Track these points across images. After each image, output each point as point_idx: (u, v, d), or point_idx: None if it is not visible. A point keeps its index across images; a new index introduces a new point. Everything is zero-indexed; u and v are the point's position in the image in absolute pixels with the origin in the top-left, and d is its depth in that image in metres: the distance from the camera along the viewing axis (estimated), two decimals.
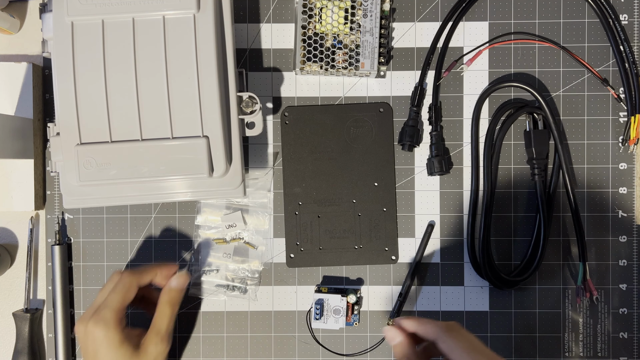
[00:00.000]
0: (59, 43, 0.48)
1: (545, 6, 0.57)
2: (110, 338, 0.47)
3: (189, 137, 0.48)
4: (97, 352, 0.47)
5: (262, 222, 0.57)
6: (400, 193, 0.57)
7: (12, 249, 0.58)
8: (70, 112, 0.48)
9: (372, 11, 0.54)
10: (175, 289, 0.51)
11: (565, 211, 0.57)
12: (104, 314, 0.47)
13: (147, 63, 0.48)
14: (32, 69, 0.56)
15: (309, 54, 0.54)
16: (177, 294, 0.51)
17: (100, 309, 0.48)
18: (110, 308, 0.48)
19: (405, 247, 0.57)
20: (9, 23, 0.56)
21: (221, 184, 0.50)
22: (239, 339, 0.57)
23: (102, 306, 0.48)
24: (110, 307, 0.48)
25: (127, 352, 0.47)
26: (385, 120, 0.57)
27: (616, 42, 0.56)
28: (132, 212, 0.57)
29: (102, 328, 0.47)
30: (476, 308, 0.57)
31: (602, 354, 0.57)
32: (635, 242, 0.57)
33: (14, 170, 0.56)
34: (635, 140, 0.56)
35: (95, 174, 0.47)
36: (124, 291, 0.49)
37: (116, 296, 0.48)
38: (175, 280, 0.51)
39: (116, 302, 0.48)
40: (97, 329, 0.47)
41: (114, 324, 0.47)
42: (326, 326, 0.56)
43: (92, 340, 0.47)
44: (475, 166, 0.57)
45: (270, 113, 0.58)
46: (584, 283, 0.56)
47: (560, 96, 0.57)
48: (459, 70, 0.58)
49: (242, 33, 0.57)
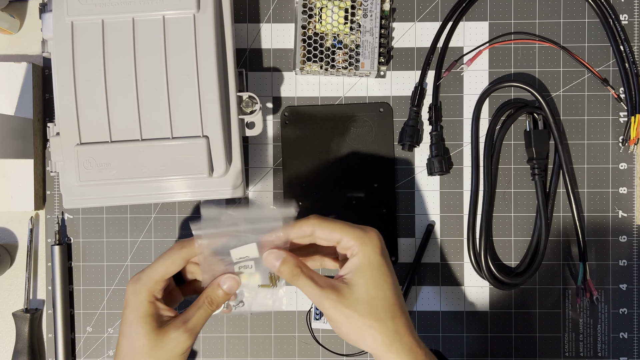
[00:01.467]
0: (59, 43, 0.48)
1: (545, 6, 0.57)
2: (138, 305, 0.42)
3: (189, 137, 0.48)
4: (124, 309, 0.43)
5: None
6: (400, 193, 0.57)
7: (12, 249, 0.58)
8: (70, 112, 0.48)
9: (372, 11, 0.54)
10: (225, 291, 0.45)
11: (565, 211, 0.57)
12: (142, 278, 0.43)
13: (147, 63, 0.48)
14: (32, 69, 0.56)
15: (309, 54, 0.54)
16: (224, 297, 0.45)
17: (143, 272, 0.43)
18: (150, 274, 0.43)
19: (405, 247, 0.57)
20: (9, 23, 0.56)
21: (221, 184, 0.50)
22: (239, 339, 0.57)
23: (146, 269, 0.44)
24: (151, 273, 0.43)
25: (148, 327, 0.42)
26: (385, 120, 0.57)
27: (616, 42, 0.56)
28: (132, 212, 0.57)
29: (135, 292, 0.43)
30: (476, 308, 0.57)
31: (602, 354, 0.57)
32: (636, 242, 0.57)
33: (13, 170, 0.56)
34: (635, 140, 0.56)
35: (95, 174, 0.47)
36: (170, 260, 0.44)
37: (161, 263, 0.43)
38: (228, 282, 0.45)
39: (158, 270, 0.43)
40: (130, 289, 0.43)
41: (147, 292, 0.43)
42: (326, 326, 0.56)
43: (125, 298, 0.43)
44: (475, 166, 0.57)
45: (270, 113, 0.58)
46: (584, 283, 0.56)
47: (560, 96, 0.57)
48: (459, 70, 0.57)
49: (242, 33, 0.57)
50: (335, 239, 0.42)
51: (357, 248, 0.41)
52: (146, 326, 0.42)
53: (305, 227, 0.43)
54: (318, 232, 0.42)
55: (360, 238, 0.42)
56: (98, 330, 0.57)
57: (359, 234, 0.42)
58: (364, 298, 0.41)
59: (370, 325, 0.40)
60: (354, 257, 0.41)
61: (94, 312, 0.57)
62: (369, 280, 0.41)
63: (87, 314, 0.57)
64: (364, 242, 0.41)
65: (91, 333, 0.57)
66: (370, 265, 0.41)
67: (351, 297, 0.41)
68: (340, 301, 0.40)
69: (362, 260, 0.41)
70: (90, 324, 0.57)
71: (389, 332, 0.40)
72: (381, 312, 0.41)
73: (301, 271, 0.42)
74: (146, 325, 0.42)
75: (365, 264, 0.41)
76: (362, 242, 0.41)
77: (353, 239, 0.41)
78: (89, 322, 0.57)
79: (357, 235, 0.42)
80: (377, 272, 0.41)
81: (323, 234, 0.42)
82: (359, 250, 0.41)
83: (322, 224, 0.42)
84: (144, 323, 0.42)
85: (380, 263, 0.41)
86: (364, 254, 0.41)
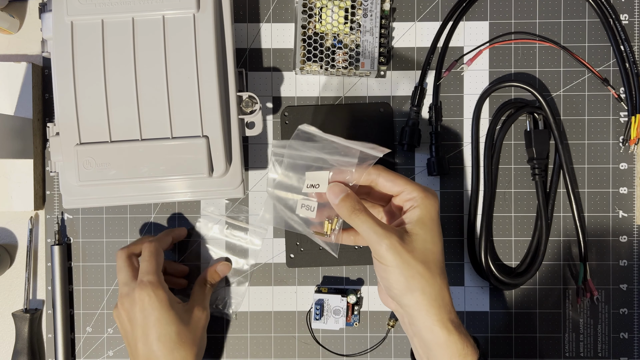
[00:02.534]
0: (59, 43, 0.48)
1: (545, 6, 0.57)
2: (162, 298, 0.48)
3: (189, 137, 0.48)
4: (148, 318, 0.48)
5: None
6: None
7: (11, 249, 0.58)
8: (70, 112, 0.48)
9: (372, 11, 0.54)
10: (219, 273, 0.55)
11: (566, 211, 0.57)
12: (148, 279, 0.48)
13: (147, 63, 0.48)
14: (32, 69, 0.56)
15: (309, 54, 0.54)
16: (219, 278, 0.55)
17: (142, 278, 0.48)
18: (151, 273, 0.49)
19: None
20: (8, 23, 0.56)
21: (221, 184, 0.50)
22: (239, 339, 0.57)
23: (142, 275, 0.49)
24: (151, 272, 0.49)
25: (179, 310, 0.49)
26: (385, 120, 0.57)
27: (616, 42, 0.56)
28: (131, 212, 0.57)
29: (151, 291, 0.48)
30: (476, 308, 0.57)
31: (602, 354, 0.57)
32: (636, 242, 0.57)
33: (13, 170, 0.56)
34: (635, 140, 0.56)
35: (95, 174, 0.47)
36: (155, 256, 0.50)
37: (151, 263, 0.50)
38: (221, 266, 0.55)
39: (154, 267, 0.49)
40: (145, 293, 0.48)
41: (162, 285, 0.49)
42: (326, 326, 0.56)
43: (140, 310, 0.48)
44: (475, 166, 0.57)
45: (270, 113, 0.58)
46: (584, 283, 0.56)
47: (560, 96, 0.57)
48: (459, 70, 0.57)
49: (242, 33, 0.57)
50: (397, 190, 0.44)
51: (421, 201, 0.42)
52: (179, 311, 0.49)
53: (372, 172, 0.44)
54: (382, 179, 0.44)
55: (424, 192, 0.43)
56: (98, 330, 0.57)
57: (423, 190, 0.43)
58: (421, 248, 0.42)
59: (422, 275, 0.41)
60: (415, 209, 0.43)
61: (93, 312, 0.57)
62: (427, 233, 0.42)
63: (87, 314, 0.57)
64: (427, 197, 0.43)
65: (91, 333, 0.57)
66: (431, 219, 0.43)
67: (410, 244, 0.41)
68: (400, 244, 0.41)
69: (425, 213, 0.42)
70: (90, 324, 0.57)
71: (436, 286, 0.41)
72: (434, 266, 0.42)
73: (361, 212, 0.42)
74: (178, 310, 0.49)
75: (427, 218, 0.42)
76: (426, 197, 0.43)
77: (417, 191, 0.43)
78: (89, 322, 0.57)
79: (421, 190, 0.43)
80: (436, 227, 0.43)
81: (386, 182, 0.44)
82: (422, 203, 0.42)
83: (387, 173, 0.44)
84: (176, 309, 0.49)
85: (438, 220, 0.43)
86: (426, 208, 0.42)
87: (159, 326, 0.48)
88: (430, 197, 0.43)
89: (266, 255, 0.57)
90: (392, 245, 0.41)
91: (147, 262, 0.50)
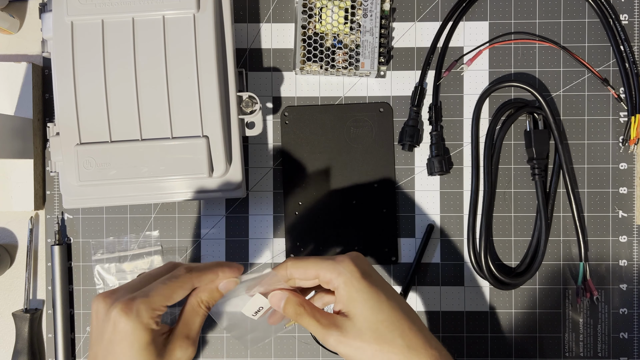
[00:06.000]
0: (59, 43, 0.48)
1: (545, 6, 0.57)
2: (137, 336, 0.37)
3: (189, 137, 0.48)
4: (115, 343, 0.38)
5: None
6: (400, 193, 0.57)
7: (11, 249, 0.58)
8: (70, 112, 0.48)
9: (372, 11, 0.54)
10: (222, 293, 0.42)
11: (565, 211, 0.57)
12: (138, 306, 0.37)
13: (147, 63, 0.48)
14: (32, 69, 0.56)
15: (309, 54, 0.54)
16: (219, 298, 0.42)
17: (137, 298, 0.38)
18: (149, 301, 0.38)
19: (405, 247, 0.57)
20: (8, 23, 0.56)
21: (221, 184, 0.50)
22: None
23: (141, 294, 0.38)
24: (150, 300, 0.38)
25: (152, 356, 0.38)
26: (385, 120, 0.57)
27: (616, 42, 0.56)
28: (132, 212, 0.57)
29: (131, 321, 0.37)
30: (476, 308, 0.57)
31: (602, 354, 0.57)
32: (636, 242, 0.57)
33: (13, 170, 0.56)
34: (635, 140, 0.56)
35: (95, 174, 0.47)
36: (174, 288, 0.39)
37: (163, 290, 0.39)
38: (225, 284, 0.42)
39: (159, 297, 0.39)
40: (124, 319, 0.37)
41: (146, 320, 0.38)
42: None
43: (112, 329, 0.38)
44: (475, 166, 0.57)
45: (270, 113, 0.58)
46: (584, 283, 0.56)
47: (560, 96, 0.57)
48: (459, 70, 0.57)
49: (242, 33, 0.57)
50: (312, 275, 0.41)
51: (337, 277, 0.40)
52: (150, 356, 0.38)
53: (281, 272, 0.42)
54: (295, 274, 0.42)
55: (335, 270, 0.40)
56: None
57: (332, 266, 0.41)
58: (366, 325, 0.40)
59: (381, 350, 0.39)
60: (338, 289, 0.41)
61: None
62: (363, 307, 0.40)
63: (87, 314, 0.57)
64: (340, 273, 0.40)
65: None
66: (358, 290, 0.40)
67: (354, 329, 0.40)
68: (344, 335, 0.40)
69: (349, 288, 0.40)
70: (90, 324, 0.57)
71: (402, 349, 0.39)
72: (387, 333, 0.40)
73: (304, 310, 0.41)
74: (149, 355, 0.38)
75: (353, 291, 0.40)
76: (339, 273, 0.40)
77: (328, 272, 0.41)
78: (89, 322, 0.57)
79: (330, 268, 0.41)
80: (367, 296, 0.40)
81: (300, 275, 0.42)
82: (339, 279, 0.40)
83: (296, 265, 0.41)
84: (147, 353, 0.38)
85: (365, 286, 0.40)
86: (345, 284, 0.40)
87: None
88: (343, 270, 0.40)
89: (266, 255, 0.57)
90: (337, 340, 0.39)
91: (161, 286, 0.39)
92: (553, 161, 0.57)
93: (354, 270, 0.40)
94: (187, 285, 0.40)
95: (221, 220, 0.57)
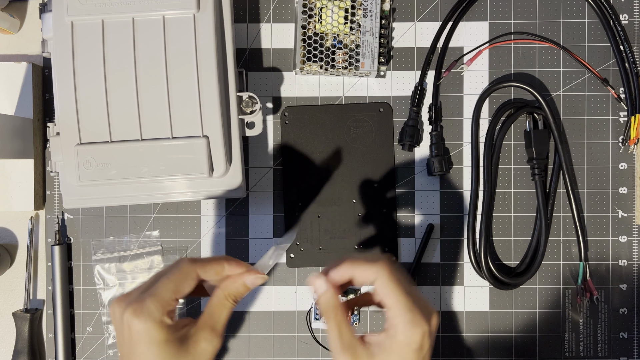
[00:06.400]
0: (59, 43, 0.48)
1: (545, 6, 0.57)
2: (152, 335, 0.37)
3: (189, 137, 0.48)
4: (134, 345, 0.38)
5: None
6: (400, 193, 0.57)
7: (12, 249, 0.58)
8: (70, 112, 0.48)
9: (372, 11, 0.54)
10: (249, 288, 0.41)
11: (565, 211, 0.57)
12: (147, 305, 0.37)
13: (147, 63, 0.48)
14: (32, 69, 0.56)
15: (309, 54, 0.54)
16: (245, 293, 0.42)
17: (145, 297, 0.38)
18: (157, 298, 0.38)
19: (405, 247, 0.57)
20: (9, 23, 0.56)
21: (221, 184, 0.50)
22: (239, 339, 0.57)
23: (149, 293, 0.38)
24: (158, 297, 0.38)
25: (172, 350, 0.37)
26: (385, 120, 0.57)
27: (616, 42, 0.56)
28: (132, 212, 0.57)
29: (143, 321, 0.37)
30: (476, 308, 0.57)
31: (602, 354, 0.57)
32: (636, 242, 0.57)
33: (14, 170, 0.56)
34: (635, 140, 0.56)
35: (95, 174, 0.47)
36: (179, 279, 0.39)
37: (168, 284, 0.38)
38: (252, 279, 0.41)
39: (166, 292, 0.38)
40: (137, 321, 0.37)
41: (159, 318, 0.37)
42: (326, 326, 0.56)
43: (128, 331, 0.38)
44: (475, 166, 0.57)
45: (270, 113, 0.58)
46: (584, 283, 0.56)
47: (560, 96, 0.57)
48: (459, 70, 0.57)
49: (242, 33, 0.57)
50: (387, 304, 0.39)
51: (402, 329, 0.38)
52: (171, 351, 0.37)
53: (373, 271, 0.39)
54: (379, 285, 0.39)
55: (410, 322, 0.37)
56: (98, 330, 0.57)
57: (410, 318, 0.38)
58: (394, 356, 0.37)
59: None
60: (394, 337, 0.38)
61: (94, 312, 0.57)
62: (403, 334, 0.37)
63: (87, 314, 0.57)
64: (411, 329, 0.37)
65: (91, 333, 0.57)
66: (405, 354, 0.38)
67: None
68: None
69: (402, 347, 0.38)
70: (90, 324, 0.57)
71: None
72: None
73: (334, 314, 0.39)
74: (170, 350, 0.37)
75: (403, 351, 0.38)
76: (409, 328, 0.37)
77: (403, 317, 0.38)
78: (89, 322, 0.57)
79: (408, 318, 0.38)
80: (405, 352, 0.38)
81: (380, 290, 0.39)
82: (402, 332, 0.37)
83: (388, 281, 0.39)
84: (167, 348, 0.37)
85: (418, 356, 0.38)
86: (403, 343, 0.37)
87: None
88: (410, 334, 0.37)
89: None
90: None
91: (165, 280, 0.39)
92: (553, 161, 0.57)
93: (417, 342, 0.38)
94: (191, 276, 0.39)
95: (221, 220, 0.57)
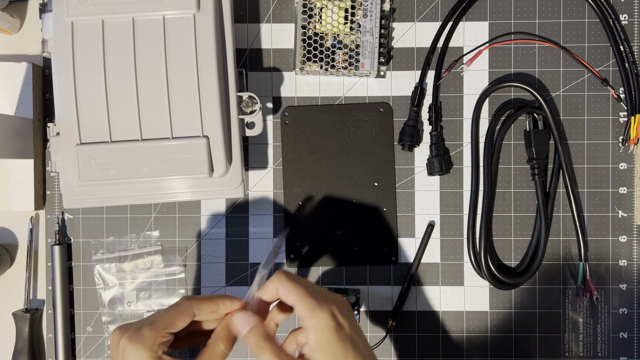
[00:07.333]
0: (59, 43, 0.48)
1: (545, 6, 0.57)
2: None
3: (189, 137, 0.48)
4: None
5: None
6: (400, 193, 0.57)
7: (12, 249, 0.58)
8: (70, 112, 0.48)
9: (372, 11, 0.54)
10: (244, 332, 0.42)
11: (565, 211, 0.57)
12: (143, 332, 0.40)
13: (147, 63, 0.48)
14: (32, 69, 0.56)
15: (309, 54, 0.54)
16: (235, 340, 0.43)
17: (143, 326, 0.40)
18: (153, 328, 0.40)
19: (405, 247, 0.57)
20: (9, 23, 0.56)
21: (221, 184, 0.51)
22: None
23: (147, 323, 0.41)
24: (154, 327, 0.40)
25: None
26: (385, 120, 0.57)
27: (616, 42, 0.56)
28: (132, 212, 0.57)
29: (135, 347, 0.39)
30: (476, 308, 0.57)
31: (602, 354, 0.57)
32: (635, 242, 0.57)
33: (14, 170, 0.56)
34: (635, 140, 0.56)
35: (95, 174, 0.48)
36: (176, 314, 0.41)
37: (166, 317, 0.41)
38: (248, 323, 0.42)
39: (162, 323, 0.41)
40: (130, 345, 0.39)
41: (150, 346, 0.39)
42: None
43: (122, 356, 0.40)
44: (475, 166, 0.57)
45: (270, 113, 0.58)
46: (584, 283, 0.56)
47: (560, 96, 0.57)
48: (459, 70, 0.58)
49: (242, 33, 0.57)
50: (290, 302, 0.40)
51: (308, 323, 0.39)
52: None
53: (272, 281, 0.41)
54: (280, 289, 0.41)
55: (311, 312, 0.39)
56: (98, 330, 0.57)
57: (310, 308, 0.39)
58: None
59: None
60: (308, 332, 0.39)
61: (94, 312, 0.57)
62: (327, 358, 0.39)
63: (87, 314, 0.57)
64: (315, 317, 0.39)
65: (91, 333, 0.57)
66: (326, 342, 0.39)
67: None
68: None
69: (319, 336, 0.39)
70: (90, 324, 0.57)
71: None
72: None
73: (269, 345, 0.40)
74: None
75: (323, 340, 0.39)
76: (313, 316, 0.39)
77: (305, 310, 0.39)
78: (89, 322, 0.57)
79: (308, 308, 0.39)
80: (335, 350, 0.39)
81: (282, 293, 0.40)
82: (310, 325, 0.39)
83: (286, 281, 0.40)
84: None
85: (335, 339, 0.39)
86: (317, 331, 0.39)
87: None
88: (319, 316, 0.39)
89: (266, 255, 0.57)
90: None
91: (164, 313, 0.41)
92: (553, 161, 0.57)
93: (329, 320, 0.39)
94: (187, 312, 0.42)
95: (221, 220, 0.57)
